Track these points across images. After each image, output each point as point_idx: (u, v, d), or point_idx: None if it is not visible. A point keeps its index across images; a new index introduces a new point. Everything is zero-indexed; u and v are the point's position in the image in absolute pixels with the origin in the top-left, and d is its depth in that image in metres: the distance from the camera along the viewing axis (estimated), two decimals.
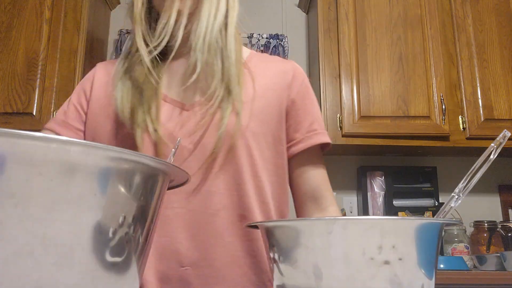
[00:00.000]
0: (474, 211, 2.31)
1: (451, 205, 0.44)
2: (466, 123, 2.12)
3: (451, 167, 2.37)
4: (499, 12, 2.25)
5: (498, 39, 2.21)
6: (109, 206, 0.29)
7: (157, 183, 0.34)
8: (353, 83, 2.11)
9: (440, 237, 0.41)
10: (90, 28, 2.26)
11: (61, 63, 2.13)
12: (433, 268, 0.39)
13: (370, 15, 2.20)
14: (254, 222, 0.45)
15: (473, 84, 2.16)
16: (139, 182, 0.31)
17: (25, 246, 0.26)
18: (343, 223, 0.38)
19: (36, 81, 2.09)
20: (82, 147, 0.27)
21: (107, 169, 0.29)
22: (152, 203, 0.33)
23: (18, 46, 2.12)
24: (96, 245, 0.28)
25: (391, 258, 0.37)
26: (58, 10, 2.18)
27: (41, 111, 2.06)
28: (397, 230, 0.38)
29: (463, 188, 0.44)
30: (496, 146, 0.43)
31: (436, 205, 2.24)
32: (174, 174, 0.36)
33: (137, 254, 0.32)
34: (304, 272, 0.39)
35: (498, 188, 2.41)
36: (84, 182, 0.28)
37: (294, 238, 0.39)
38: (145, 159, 0.31)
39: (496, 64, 2.18)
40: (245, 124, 0.77)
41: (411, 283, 0.38)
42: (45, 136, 0.26)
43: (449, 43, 2.21)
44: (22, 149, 0.26)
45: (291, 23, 2.58)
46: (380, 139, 2.08)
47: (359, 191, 2.35)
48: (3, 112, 2.05)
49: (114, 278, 0.30)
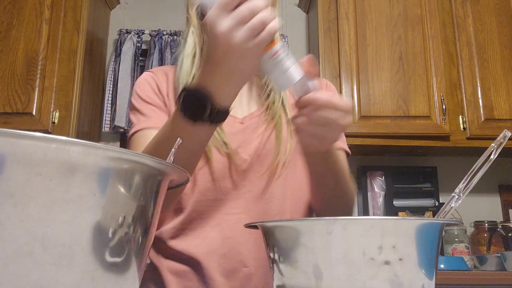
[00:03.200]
0: (474, 211, 2.30)
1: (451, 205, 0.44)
2: (466, 123, 2.11)
3: (452, 167, 2.37)
4: (499, 12, 2.25)
5: (499, 39, 2.21)
6: (108, 206, 0.29)
7: (157, 183, 0.34)
8: (353, 82, 2.11)
9: (440, 237, 0.41)
10: (89, 28, 2.26)
11: (60, 63, 2.13)
12: (433, 268, 0.39)
13: (370, 15, 2.20)
14: (254, 222, 0.45)
15: (474, 84, 2.16)
16: (139, 182, 0.31)
17: (25, 246, 0.26)
18: (343, 223, 0.38)
19: (35, 81, 2.09)
20: (81, 147, 0.27)
21: (106, 169, 0.29)
22: (151, 203, 0.33)
23: (18, 46, 2.12)
24: (96, 245, 0.28)
25: (391, 258, 0.37)
26: (57, 10, 2.18)
27: (40, 111, 2.06)
28: (397, 230, 0.38)
29: (463, 188, 0.44)
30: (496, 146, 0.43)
31: (437, 205, 2.24)
32: (174, 174, 0.36)
33: (137, 254, 0.32)
34: (304, 272, 0.39)
35: (498, 188, 2.41)
36: (84, 182, 0.28)
37: (294, 238, 0.39)
38: (144, 159, 0.31)
39: (497, 64, 2.18)
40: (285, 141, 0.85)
41: (411, 283, 0.38)
42: (44, 136, 0.26)
43: (449, 43, 2.21)
44: (22, 149, 0.26)
45: (291, 23, 2.58)
46: (380, 139, 2.08)
47: (359, 191, 2.35)
48: (3, 112, 2.05)
49: (113, 278, 0.30)
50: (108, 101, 2.36)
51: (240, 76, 0.61)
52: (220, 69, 0.59)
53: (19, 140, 0.25)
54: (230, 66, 0.58)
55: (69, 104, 2.10)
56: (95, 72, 2.38)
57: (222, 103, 0.61)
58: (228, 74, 0.59)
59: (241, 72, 0.60)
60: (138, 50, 2.44)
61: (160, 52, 2.41)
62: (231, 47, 0.56)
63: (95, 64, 2.38)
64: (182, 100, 0.62)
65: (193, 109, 0.62)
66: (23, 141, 0.26)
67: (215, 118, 0.62)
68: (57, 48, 2.13)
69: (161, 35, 2.45)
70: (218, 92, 0.60)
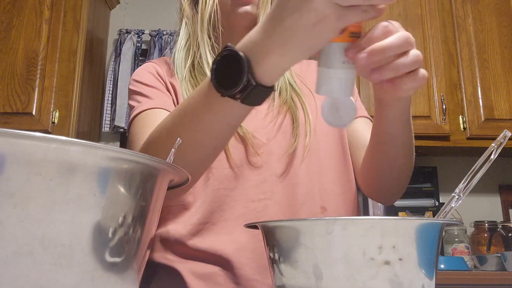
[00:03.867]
0: (474, 211, 2.30)
1: (451, 205, 0.44)
2: (466, 123, 2.11)
3: (452, 167, 2.37)
4: (499, 11, 2.25)
5: (499, 39, 2.21)
6: (108, 206, 0.29)
7: (157, 183, 0.34)
8: None
9: (440, 237, 0.41)
10: (89, 28, 2.26)
11: (60, 63, 2.13)
12: (433, 268, 0.39)
13: None
14: (254, 222, 0.45)
15: (474, 84, 2.16)
16: (139, 182, 0.31)
17: (25, 246, 0.26)
18: (343, 223, 0.38)
19: (35, 81, 2.09)
20: (81, 147, 0.27)
21: (106, 169, 0.29)
22: (151, 203, 0.33)
23: (18, 46, 2.12)
24: (96, 245, 0.28)
25: (391, 258, 0.37)
26: (57, 9, 2.18)
27: (40, 111, 2.06)
28: (397, 230, 0.38)
29: (463, 188, 0.44)
30: (496, 146, 0.43)
31: (437, 205, 2.24)
32: (174, 174, 0.36)
33: (137, 254, 0.32)
34: (304, 272, 0.39)
35: (498, 188, 2.41)
36: (84, 182, 0.28)
37: (294, 238, 0.39)
38: (144, 159, 0.31)
39: (497, 64, 2.18)
40: (314, 117, 0.80)
41: (411, 284, 0.37)
42: (44, 136, 0.26)
43: (449, 43, 2.21)
44: (22, 149, 0.26)
45: None
46: None
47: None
48: (3, 112, 2.05)
49: (113, 278, 0.30)
50: (108, 101, 2.36)
51: (302, 48, 0.46)
52: (284, 27, 0.44)
53: (19, 140, 0.25)
54: (301, 27, 0.44)
55: (69, 104, 2.10)
56: (95, 72, 2.38)
57: (263, 77, 0.47)
58: (291, 37, 0.45)
59: (309, 39, 0.45)
60: (138, 50, 2.44)
61: (160, 52, 2.41)
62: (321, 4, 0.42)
63: (95, 64, 2.38)
64: (217, 62, 0.49)
65: (224, 75, 0.48)
66: (23, 141, 0.25)
67: (249, 95, 0.48)
68: (57, 48, 2.13)
69: (161, 35, 2.45)
70: (263, 60, 0.46)
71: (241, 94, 0.47)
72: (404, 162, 0.72)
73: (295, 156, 0.77)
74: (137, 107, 0.76)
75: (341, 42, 0.47)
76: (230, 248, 0.71)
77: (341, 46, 0.47)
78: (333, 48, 0.47)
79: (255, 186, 0.74)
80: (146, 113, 0.74)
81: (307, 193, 0.76)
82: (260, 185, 0.74)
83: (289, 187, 0.75)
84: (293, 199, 0.75)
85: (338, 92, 0.48)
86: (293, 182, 0.76)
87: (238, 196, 0.74)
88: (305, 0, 0.43)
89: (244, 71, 0.46)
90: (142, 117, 0.74)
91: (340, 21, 0.43)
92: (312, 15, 0.43)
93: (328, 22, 0.43)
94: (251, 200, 0.73)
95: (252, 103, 0.49)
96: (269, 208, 0.73)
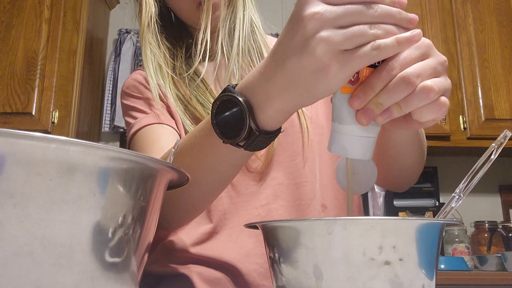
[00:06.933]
0: (474, 211, 2.30)
1: (451, 205, 0.44)
2: (466, 123, 2.11)
3: (452, 167, 2.37)
4: (499, 11, 2.25)
5: (499, 39, 2.21)
6: (108, 206, 0.29)
7: (157, 183, 0.34)
8: None
9: (440, 238, 0.41)
10: (89, 28, 2.26)
11: (60, 63, 2.13)
12: (433, 268, 0.39)
13: None
14: (254, 222, 0.45)
15: (474, 84, 2.16)
16: (139, 182, 0.31)
17: (25, 246, 0.26)
18: (343, 223, 0.38)
19: (35, 81, 2.09)
20: (81, 147, 0.27)
21: (106, 169, 0.29)
22: (151, 203, 0.33)
23: (17, 45, 2.12)
24: (96, 245, 0.28)
25: (391, 259, 0.37)
26: (57, 9, 2.18)
27: (40, 111, 2.06)
28: (397, 230, 0.38)
29: (463, 188, 0.44)
30: (497, 146, 0.43)
31: (437, 205, 2.24)
32: (174, 174, 0.36)
33: (137, 254, 0.32)
34: (304, 273, 0.39)
35: (499, 188, 2.41)
36: (83, 182, 0.28)
37: (294, 239, 0.39)
38: (144, 159, 0.31)
39: (497, 64, 2.18)
40: (310, 112, 0.78)
41: (411, 284, 0.37)
42: (44, 136, 0.26)
43: (449, 43, 2.21)
44: (21, 149, 0.25)
45: None
46: None
47: None
48: (2, 112, 2.05)
49: (113, 278, 0.30)
50: (107, 101, 2.36)
51: (307, 95, 0.41)
52: (284, 70, 0.40)
53: (19, 140, 0.25)
54: (302, 72, 0.39)
55: (68, 104, 2.10)
56: (94, 72, 2.38)
57: (267, 123, 0.44)
58: (292, 81, 0.40)
59: (311, 86, 0.40)
60: (138, 49, 2.43)
61: None
62: (320, 42, 0.38)
63: (94, 64, 2.38)
64: (216, 107, 0.46)
65: (225, 124, 0.46)
66: (22, 141, 0.25)
67: (252, 143, 0.45)
68: (56, 48, 2.13)
69: None
70: (265, 106, 0.43)
71: (244, 142, 0.45)
72: (414, 162, 0.69)
73: (296, 157, 0.76)
74: (134, 124, 0.76)
75: (350, 94, 0.40)
76: (237, 255, 0.70)
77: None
78: (341, 100, 0.41)
79: (258, 191, 0.73)
80: (145, 131, 0.74)
81: (311, 191, 0.75)
82: (262, 190, 0.73)
83: (293, 188, 0.75)
84: (299, 200, 0.74)
85: (352, 152, 0.42)
86: (296, 182, 0.75)
87: (241, 203, 0.73)
88: (306, 42, 0.38)
89: (246, 119, 0.43)
90: (141, 136, 0.74)
91: (344, 70, 0.38)
92: (312, 61, 0.38)
93: (330, 71, 0.38)
94: (254, 207, 0.72)
95: (256, 149, 0.47)
96: (273, 212, 0.72)
